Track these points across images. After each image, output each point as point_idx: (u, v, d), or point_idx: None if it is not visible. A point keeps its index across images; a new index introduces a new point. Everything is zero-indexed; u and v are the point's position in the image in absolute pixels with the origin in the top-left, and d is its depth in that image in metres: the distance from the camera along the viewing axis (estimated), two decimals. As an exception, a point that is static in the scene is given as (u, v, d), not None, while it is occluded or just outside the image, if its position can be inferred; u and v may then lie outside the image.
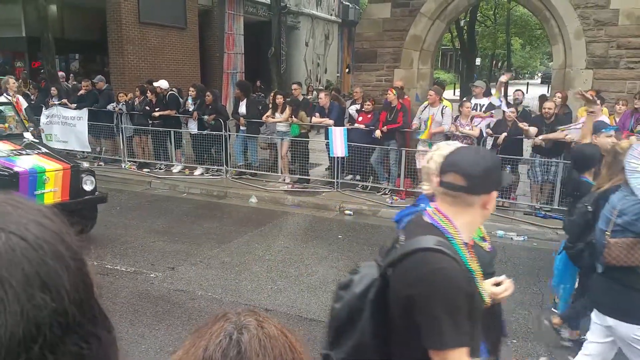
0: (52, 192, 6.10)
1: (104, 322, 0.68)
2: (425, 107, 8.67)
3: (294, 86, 10.71)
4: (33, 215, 0.61)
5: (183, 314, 4.76)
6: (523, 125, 7.87)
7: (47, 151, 6.78)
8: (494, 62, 46.24)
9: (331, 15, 25.37)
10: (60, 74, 14.06)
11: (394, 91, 8.79)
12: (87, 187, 6.48)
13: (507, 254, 6.62)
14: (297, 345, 0.92)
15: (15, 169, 5.91)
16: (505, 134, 8.05)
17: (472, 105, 9.02)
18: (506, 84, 10.09)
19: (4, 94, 8.75)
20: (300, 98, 10.64)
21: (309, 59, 23.35)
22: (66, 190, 6.24)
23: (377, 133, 8.72)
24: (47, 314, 0.55)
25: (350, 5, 26.66)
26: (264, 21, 19.09)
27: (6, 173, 5.84)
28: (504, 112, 8.37)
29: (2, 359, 0.53)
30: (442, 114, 8.42)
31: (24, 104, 8.93)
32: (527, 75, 56.81)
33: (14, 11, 15.71)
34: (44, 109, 11.11)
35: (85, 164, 7.67)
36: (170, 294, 5.17)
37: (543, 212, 7.95)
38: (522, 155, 8.44)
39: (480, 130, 8.22)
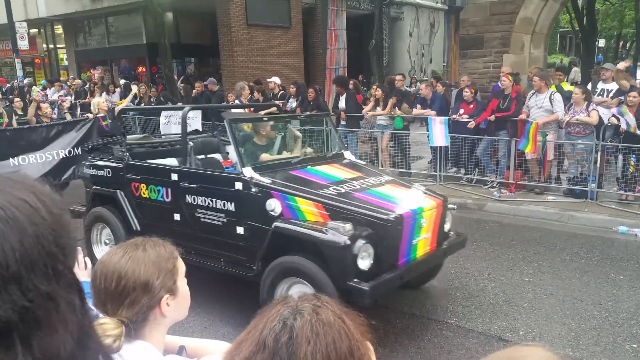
0: (424, 240, 4.27)
1: (75, 291, 0.74)
2: (533, 94, 8.10)
3: (398, 77, 10.54)
4: (8, 186, 0.70)
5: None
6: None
7: (392, 178, 5.09)
8: (621, 42, 42.04)
9: (437, 2, 24.60)
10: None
11: (510, 77, 8.29)
12: (447, 225, 4.67)
13: (629, 251, 6.00)
14: (354, 331, 0.90)
15: (398, 210, 4.06)
16: (634, 129, 7.26)
17: (599, 90, 8.27)
18: (626, 71, 9.05)
19: (237, 101, 9.16)
20: (403, 89, 10.47)
21: (413, 49, 22.84)
22: (435, 235, 4.40)
23: (471, 124, 8.31)
24: None
25: (457, -8, 25.67)
26: (366, 14, 19.00)
27: (389, 218, 3.95)
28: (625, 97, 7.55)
29: None
30: (550, 100, 7.81)
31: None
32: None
33: (135, 21, 17.17)
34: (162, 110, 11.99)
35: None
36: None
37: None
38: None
39: (600, 117, 7.50)
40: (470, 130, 8.43)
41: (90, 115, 8.11)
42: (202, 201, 4.62)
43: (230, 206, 4.43)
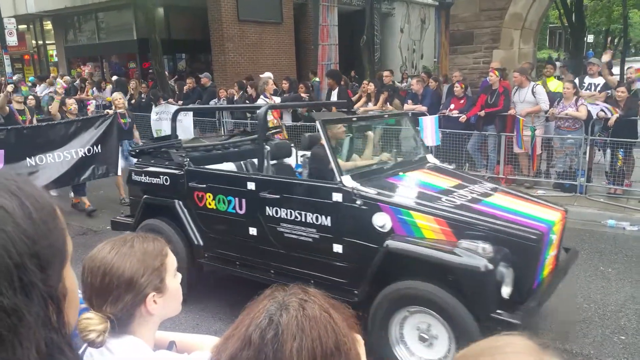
0: (550, 258, 3.77)
1: (51, 303, 0.69)
2: (516, 90, 8.21)
3: (385, 73, 10.57)
4: None
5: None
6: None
7: (496, 185, 4.67)
8: (609, 38, 42.35)
9: (427, -1, 24.65)
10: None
11: (497, 72, 8.38)
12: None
13: (617, 244, 6.10)
14: (341, 325, 0.90)
15: (535, 226, 3.46)
16: (616, 115, 7.38)
17: (586, 85, 8.37)
18: (609, 64, 9.20)
19: (262, 96, 8.77)
20: (394, 85, 10.50)
21: (404, 45, 22.89)
22: (557, 252, 3.95)
23: (462, 119, 8.38)
24: None
25: (448, -12, 25.75)
26: (357, 10, 19.02)
27: (531, 236, 3.36)
28: (614, 91, 7.67)
29: None
30: (533, 93, 7.93)
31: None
32: (649, 51, 51.45)
33: (126, 16, 17.07)
34: (153, 106, 11.94)
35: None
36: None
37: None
38: (636, 138, 7.69)
39: (589, 112, 7.59)
40: (461, 125, 8.50)
41: (110, 112, 7.81)
42: (287, 214, 4.00)
43: (326, 220, 3.82)
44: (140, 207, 5.00)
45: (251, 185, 4.20)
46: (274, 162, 4.98)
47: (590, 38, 34.45)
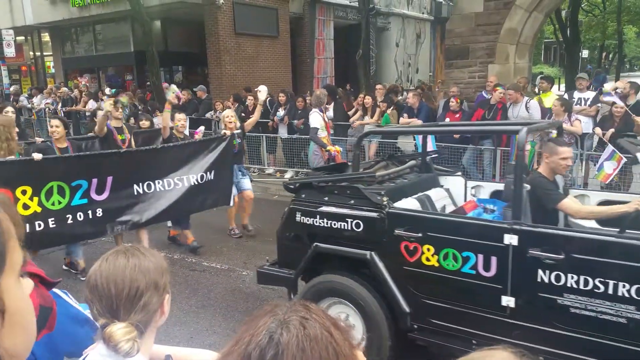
0: None
1: None
2: (510, 106, 8.25)
3: (378, 86, 10.63)
4: None
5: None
6: (638, 118, 7.18)
7: None
8: (604, 53, 42.80)
9: (423, 13, 24.89)
10: (164, 85, 15.06)
11: (499, 88, 8.42)
12: None
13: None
14: (343, 344, 0.88)
15: None
16: (612, 130, 7.41)
17: (576, 99, 8.43)
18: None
19: (317, 110, 7.73)
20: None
21: (400, 59, 23.06)
22: None
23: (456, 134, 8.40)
24: None
25: (444, 2, 25.99)
26: (353, 24, 19.16)
27: None
28: (611, 106, 7.71)
29: None
30: (527, 108, 7.97)
31: None
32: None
33: (123, 29, 17.14)
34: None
35: None
36: (260, 291, 5.34)
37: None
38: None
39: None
40: (456, 138, 8.53)
41: (227, 132, 6.60)
42: (577, 281, 2.94)
43: None
44: (308, 257, 3.91)
45: (511, 239, 3.13)
46: (417, 195, 4.03)
47: (585, 53, 34.80)
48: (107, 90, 14.67)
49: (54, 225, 5.02)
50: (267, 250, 6.48)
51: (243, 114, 10.77)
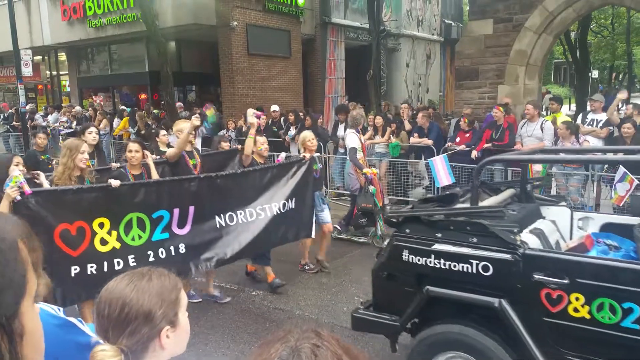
0: None
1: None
2: (525, 123, 8.29)
3: (403, 105, 10.77)
4: None
5: (281, 332, 4.90)
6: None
7: None
8: (614, 74, 42.76)
9: (433, 34, 25.14)
10: (178, 104, 15.28)
11: (501, 109, 8.50)
12: None
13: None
14: None
15: None
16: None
17: (589, 120, 8.45)
18: (625, 101, 9.25)
19: (353, 130, 7.38)
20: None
21: (410, 79, 23.25)
22: None
23: (473, 154, 8.43)
24: None
25: (453, 24, 26.26)
26: (364, 45, 19.39)
27: None
28: (619, 128, 7.72)
29: None
30: (541, 129, 8.00)
31: None
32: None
33: (139, 49, 17.48)
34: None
35: None
36: (270, 313, 5.35)
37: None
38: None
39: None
40: (468, 159, 8.57)
41: (307, 155, 6.05)
42: None
43: None
44: (419, 302, 3.39)
45: None
46: (531, 229, 3.52)
47: (595, 73, 34.79)
48: (120, 107, 14.89)
49: (134, 264, 4.30)
50: (279, 269, 6.48)
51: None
